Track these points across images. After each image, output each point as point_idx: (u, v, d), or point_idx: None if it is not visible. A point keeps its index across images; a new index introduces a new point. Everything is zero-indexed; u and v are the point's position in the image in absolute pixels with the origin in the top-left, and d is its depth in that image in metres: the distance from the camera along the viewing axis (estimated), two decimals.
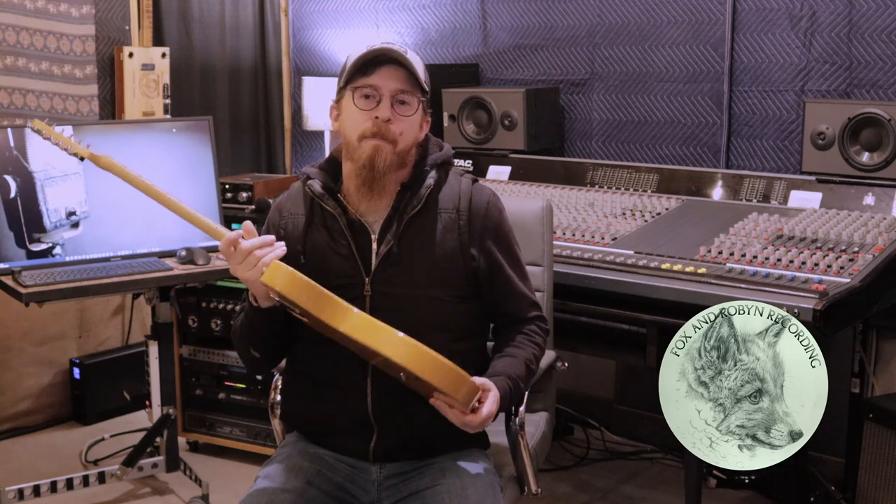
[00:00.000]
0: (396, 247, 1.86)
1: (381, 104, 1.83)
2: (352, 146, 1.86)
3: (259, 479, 1.90)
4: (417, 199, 1.88)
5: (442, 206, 1.91)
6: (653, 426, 3.41)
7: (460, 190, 1.93)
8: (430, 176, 1.91)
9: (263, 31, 4.53)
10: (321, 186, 1.91)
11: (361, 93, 1.84)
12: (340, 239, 1.89)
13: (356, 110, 1.85)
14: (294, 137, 4.66)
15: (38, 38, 3.68)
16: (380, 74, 1.83)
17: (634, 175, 3.17)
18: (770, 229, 2.63)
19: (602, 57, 3.66)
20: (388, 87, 1.83)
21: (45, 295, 2.67)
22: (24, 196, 2.81)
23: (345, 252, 1.88)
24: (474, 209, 1.91)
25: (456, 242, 1.89)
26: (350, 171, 1.89)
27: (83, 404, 3.81)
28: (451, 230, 1.89)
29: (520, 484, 2.05)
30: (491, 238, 1.93)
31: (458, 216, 1.90)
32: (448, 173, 1.96)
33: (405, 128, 1.85)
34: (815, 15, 3.16)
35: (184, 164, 3.04)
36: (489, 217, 1.93)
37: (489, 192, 1.96)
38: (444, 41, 4.06)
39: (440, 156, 1.95)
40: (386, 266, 1.86)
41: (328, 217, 1.91)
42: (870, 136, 2.77)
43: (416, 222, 1.88)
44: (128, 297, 3.97)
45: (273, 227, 1.97)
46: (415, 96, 1.86)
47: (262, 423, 3.38)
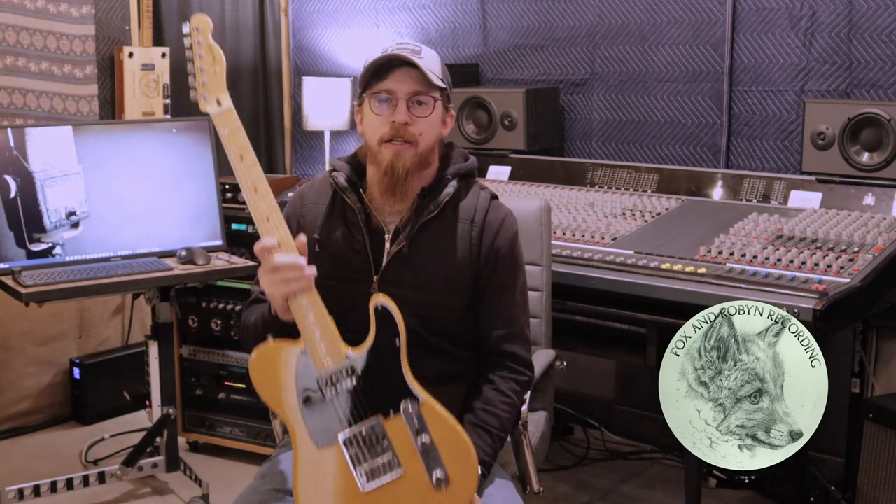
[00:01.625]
0: (407, 248, 1.87)
1: (398, 108, 1.84)
2: (373, 150, 1.88)
3: (256, 479, 1.90)
4: (435, 204, 1.89)
5: (459, 216, 1.91)
6: (653, 426, 3.41)
7: (478, 203, 1.93)
8: (451, 184, 1.91)
9: (263, 31, 4.53)
10: (345, 179, 1.93)
11: (377, 98, 1.86)
12: (357, 234, 1.90)
13: (374, 115, 1.87)
14: (294, 137, 4.66)
15: (38, 38, 3.68)
16: (394, 78, 1.85)
17: (634, 175, 3.17)
18: (770, 229, 2.63)
19: (602, 57, 3.66)
20: (403, 90, 1.84)
21: (45, 295, 2.67)
22: (24, 196, 2.81)
23: (359, 247, 1.90)
24: (488, 225, 1.91)
25: (466, 253, 1.90)
26: (373, 174, 1.90)
27: (83, 404, 3.81)
28: (463, 240, 1.90)
29: (522, 483, 2.06)
30: (499, 256, 1.92)
31: (472, 227, 1.91)
32: (469, 185, 1.97)
33: (424, 128, 1.86)
34: (815, 15, 3.16)
35: (184, 164, 3.04)
36: (501, 236, 1.92)
37: (506, 211, 1.96)
38: (444, 41, 4.06)
39: (464, 166, 1.96)
40: (395, 266, 1.88)
41: (348, 210, 1.93)
42: (870, 136, 2.77)
43: (430, 227, 1.89)
44: (128, 297, 3.97)
45: (294, 213, 1.98)
46: (431, 96, 1.87)
47: (262, 423, 3.38)
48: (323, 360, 1.72)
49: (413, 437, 1.72)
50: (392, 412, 1.73)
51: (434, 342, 1.89)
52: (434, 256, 1.89)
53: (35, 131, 2.86)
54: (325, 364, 1.72)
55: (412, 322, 1.80)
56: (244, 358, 3.39)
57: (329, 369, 1.72)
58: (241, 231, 3.37)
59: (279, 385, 1.74)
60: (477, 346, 1.95)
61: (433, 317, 1.88)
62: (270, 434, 3.37)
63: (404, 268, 1.88)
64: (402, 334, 1.74)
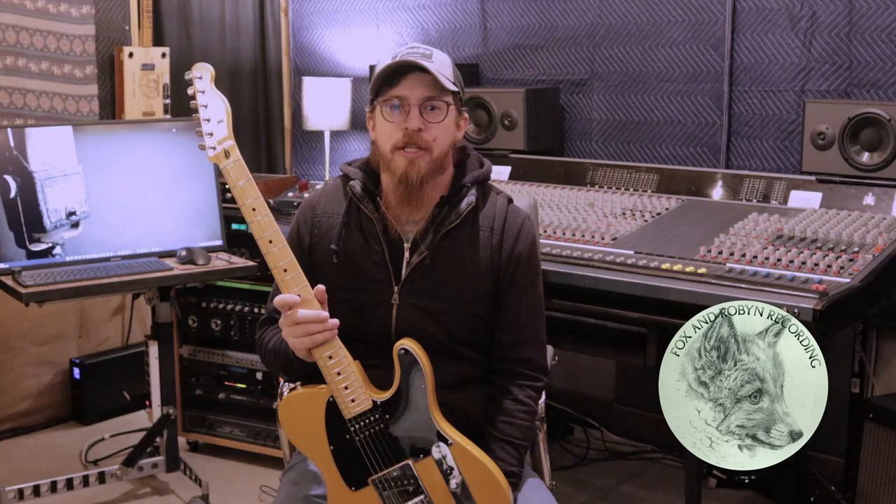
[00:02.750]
0: (430, 258, 1.84)
1: (410, 114, 1.80)
2: (387, 158, 1.84)
3: (284, 486, 1.90)
4: (456, 214, 1.86)
5: (479, 224, 1.89)
6: (653, 426, 3.41)
7: (496, 210, 1.91)
8: (472, 193, 1.89)
9: (263, 31, 4.53)
10: (361, 188, 1.89)
11: (389, 104, 1.82)
12: (375, 244, 1.87)
13: (386, 123, 1.83)
14: (294, 137, 4.66)
15: (38, 38, 3.68)
16: (405, 84, 1.81)
17: (634, 175, 3.17)
18: (770, 229, 2.63)
19: (602, 57, 3.66)
20: (415, 96, 1.81)
21: (45, 295, 2.67)
22: (24, 196, 2.81)
23: (378, 258, 1.87)
24: (508, 231, 1.90)
25: (488, 261, 1.88)
26: (388, 182, 1.87)
27: (83, 404, 3.81)
28: (484, 249, 1.88)
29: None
30: (518, 263, 1.90)
31: (492, 235, 1.89)
32: (486, 191, 1.95)
33: (438, 133, 1.83)
34: (815, 15, 3.16)
35: (184, 165, 3.04)
36: (521, 241, 1.91)
37: (524, 216, 1.95)
38: (444, 41, 4.06)
39: (481, 173, 1.94)
40: (416, 277, 1.85)
41: (365, 220, 1.89)
42: (870, 136, 2.77)
43: (451, 237, 1.87)
44: (128, 297, 3.97)
45: (305, 224, 1.94)
46: (444, 100, 1.83)
47: (262, 423, 3.39)
48: (350, 407, 1.75)
49: (445, 480, 1.75)
50: (422, 455, 1.76)
51: (455, 348, 1.88)
52: (455, 266, 1.86)
53: (35, 131, 2.86)
54: (353, 410, 1.75)
55: (433, 329, 1.81)
56: (244, 358, 3.39)
57: (356, 415, 1.75)
58: (241, 231, 3.37)
59: (309, 432, 1.78)
60: (491, 348, 1.94)
61: (455, 325, 1.86)
62: (270, 434, 3.37)
63: (426, 278, 1.85)
64: (427, 377, 1.75)
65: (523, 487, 1.88)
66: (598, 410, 3.69)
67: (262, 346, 1.93)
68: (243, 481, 3.30)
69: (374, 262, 1.86)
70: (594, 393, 3.75)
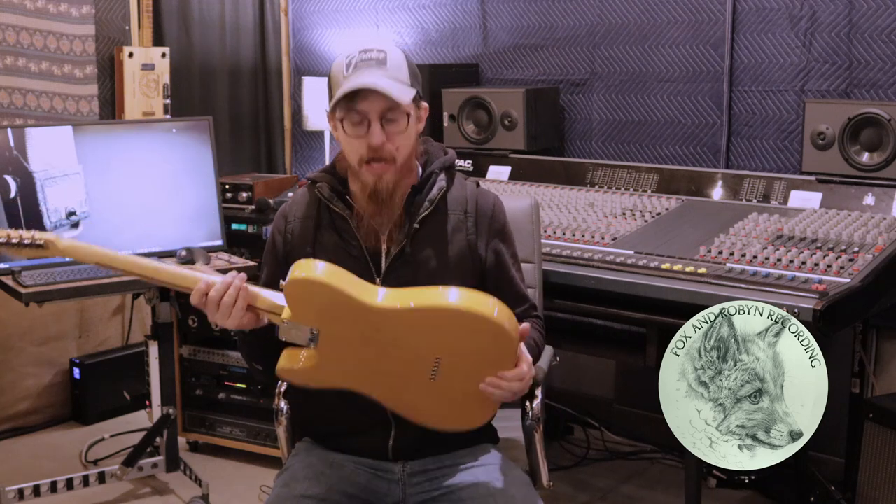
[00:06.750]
0: (409, 246, 1.88)
1: (371, 129, 1.82)
2: (354, 169, 1.88)
3: (278, 487, 1.89)
4: (430, 200, 1.91)
5: (451, 208, 1.94)
6: (653, 426, 3.41)
7: (467, 193, 1.97)
8: (441, 178, 1.94)
9: (263, 31, 4.53)
10: (329, 189, 1.93)
11: (350, 120, 1.84)
12: (351, 240, 1.91)
13: (349, 138, 1.85)
14: (294, 137, 4.66)
15: (38, 38, 3.68)
16: (363, 100, 1.82)
17: (634, 175, 3.17)
18: (770, 229, 2.63)
19: (602, 57, 3.66)
20: (374, 110, 1.82)
21: (45, 295, 2.67)
22: (24, 196, 2.81)
23: (356, 253, 1.90)
24: (481, 210, 1.96)
25: (465, 242, 1.93)
26: (358, 188, 1.90)
27: (83, 404, 3.81)
28: (460, 230, 1.93)
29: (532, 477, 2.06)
30: (498, 238, 1.97)
31: (466, 217, 1.94)
32: (453, 176, 2.00)
33: (401, 142, 1.86)
34: (815, 15, 3.16)
35: (184, 165, 3.04)
36: (496, 219, 1.98)
37: (493, 196, 2.02)
38: (444, 41, 4.06)
39: (447, 160, 1.99)
40: (397, 267, 1.89)
41: (337, 219, 1.92)
42: (870, 136, 2.76)
43: (426, 223, 1.91)
44: (128, 297, 3.97)
45: (279, 232, 1.98)
46: (402, 111, 1.84)
47: (262, 423, 3.38)
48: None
49: None
50: None
51: None
52: (433, 251, 1.90)
53: (35, 131, 2.86)
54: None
55: None
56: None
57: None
58: (241, 231, 3.37)
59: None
60: None
61: None
62: (270, 434, 3.37)
63: (407, 266, 1.88)
64: None
65: (508, 484, 1.87)
66: (598, 410, 3.69)
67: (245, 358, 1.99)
68: (243, 481, 3.30)
69: (352, 257, 1.89)
70: (594, 393, 3.75)
